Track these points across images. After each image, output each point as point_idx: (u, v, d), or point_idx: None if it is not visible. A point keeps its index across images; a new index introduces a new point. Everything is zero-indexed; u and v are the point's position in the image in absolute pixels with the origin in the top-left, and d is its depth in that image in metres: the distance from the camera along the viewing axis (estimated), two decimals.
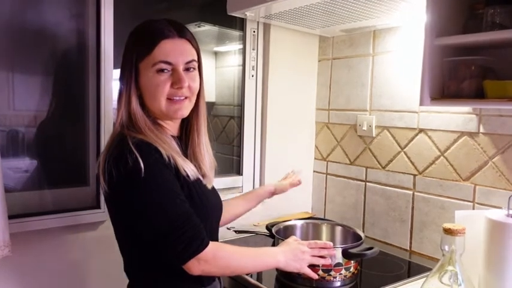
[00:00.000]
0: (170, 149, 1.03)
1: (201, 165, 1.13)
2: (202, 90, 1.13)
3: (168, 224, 0.96)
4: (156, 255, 1.02)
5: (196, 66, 1.09)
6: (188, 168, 1.04)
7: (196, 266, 0.98)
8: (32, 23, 1.41)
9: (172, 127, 1.13)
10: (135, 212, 0.98)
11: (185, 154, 1.11)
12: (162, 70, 1.03)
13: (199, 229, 0.99)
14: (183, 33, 1.06)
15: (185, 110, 1.08)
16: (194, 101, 1.11)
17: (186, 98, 1.07)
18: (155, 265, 1.04)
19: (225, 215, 1.27)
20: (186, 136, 1.16)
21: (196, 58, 1.09)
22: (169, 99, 1.05)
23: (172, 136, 1.11)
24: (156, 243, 0.97)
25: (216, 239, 1.17)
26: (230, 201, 1.43)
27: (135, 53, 1.04)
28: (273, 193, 1.48)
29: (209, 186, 1.15)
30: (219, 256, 1.01)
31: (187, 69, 1.06)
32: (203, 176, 1.12)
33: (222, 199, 1.23)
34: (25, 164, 1.44)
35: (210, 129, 1.19)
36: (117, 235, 1.10)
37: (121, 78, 1.07)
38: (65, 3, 1.47)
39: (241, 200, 1.46)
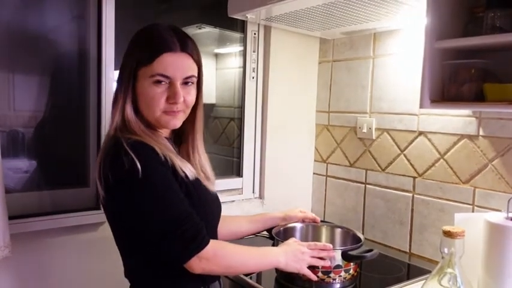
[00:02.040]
0: (166, 149, 1.03)
1: (197, 171, 1.12)
2: (200, 102, 1.14)
3: (168, 222, 0.96)
4: (156, 256, 1.01)
5: (195, 81, 1.09)
6: (186, 169, 1.05)
7: (197, 264, 0.98)
8: (33, 25, 1.41)
9: (165, 131, 1.13)
10: (134, 212, 0.98)
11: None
12: (159, 82, 1.02)
13: (200, 227, 0.99)
14: (186, 46, 1.05)
15: (178, 121, 1.08)
16: (188, 113, 1.10)
17: (179, 111, 1.07)
18: (156, 266, 1.04)
19: (223, 230, 1.26)
20: (178, 137, 1.16)
21: (196, 73, 1.08)
22: (164, 111, 1.05)
23: (166, 138, 1.12)
24: (157, 242, 0.97)
25: (214, 238, 1.16)
26: (234, 218, 1.41)
27: (135, 59, 1.04)
28: (283, 219, 1.42)
29: (213, 191, 1.15)
30: (220, 254, 1.02)
31: (185, 83, 1.06)
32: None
33: (221, 201, 1.23)
34: (25, 164, 1.44)
35: (204, 137, 1.19)
36: (116, 239, 1.09)
37: (119, 81, 1.07)
38: (66, 6, 1.48)
39: (245, 220, 1.42)
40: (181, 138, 1.17)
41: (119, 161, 0.95)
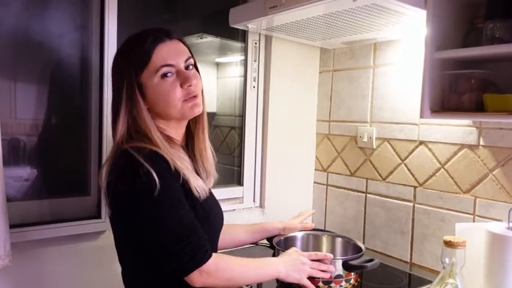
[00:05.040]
0: (180, 161, 1.03)
1: (204, 161, 1.15)
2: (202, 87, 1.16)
3: (173, 234, 0.96)
4: (158, 266, 1.01)
5: (193, 63, 1.11)
6: (198, 186, 1.05)
7: (198, 278, 0.98)
8: (35, 34, 1.42)
9: (179, 135, 1.13)
10: (141, 223, 0.98)
11: (191, 157, 1.13)
12: (165, 75, 1.03)
13: (203, 241, 0.99)
14: (171, 35, 1.08)
15: (200, 106, 1.09)
16: (201, 98, 1.12)
17: (196, 95, 1.08)
18: (156, 274, 1.04)
19: (222, 238, 1.26)
20: (191, 142, 1.17)
21: (191, 55, 1.11)
22: (184, 100, 1.06)
23: (181, 146, 1.13)
24: (160, 253, 0.97)
25: (215, 250, 1.16)
26: (233, 227, 1.41)
27: (132, 67, 1.04)
28: (282, 230, 1.43)
29: (210, 185, 1.16)
30: (221, 268, 1.01)
31: (187, 68, 1.07)
32: (207, 174, 1.15)
33: (223, 210, 1.23)
34: (26, 172, 1.44)
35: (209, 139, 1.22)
36: (118, 245, 1.10)
37: (117, 96, 1.06)
38: (69, 15, 1.49)
39: (245, 229, 1.42)
40: (192, 137, 1.17)
41: (128, 171, 0.95)
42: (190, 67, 1.08)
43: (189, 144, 1.17)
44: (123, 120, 1.04)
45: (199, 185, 1.05)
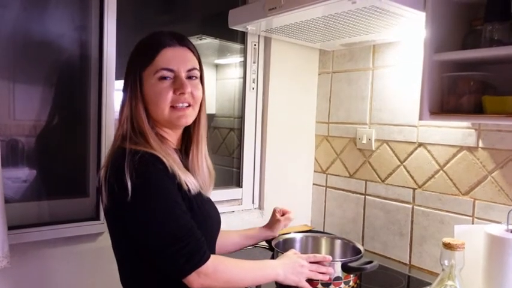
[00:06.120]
0: (173, 162, 1.03)
1: (197, 174, 1.14)
2: (204, 100, 1.15)
3: (170, 236, 0.96)
4: (156, 267, 1.01)
5: (198, 75, 1.11)
6: (190, 182, 1.05)
7: (196, 280, 0.98)
8: (34, 35, 1.42)
9: (174, 138, 1.13)
10: (138, 224, 0.98)
11: (185, 165, 1.12)
12: (164, 78, 1.04)
13: (201, 242, 0.99)
14: (184, 42, 1.09)
15: (189, 117, 1.09)
16: (197, 110, 1.12)
17: (189, 105, 1.07)
18: (153, 276, 1.04)
19: (222, 246, 1.28)
20: (186, 147, 1.17)
21: (197, 67, 1.10)
22: (173, 106, 1.06)
23: (174, 149, 1.12)
24: (158, 255, 0.97)
25: (213, 252, 1.16)
26: (226, 232, 1.38)
27: (138, 63, 1.06)
28: (268, 228, 1.43)
29: (206, 195, 1.16)
30: (220, 270, 1.01)
31: (189, 78, 1.08)
32: (200, 186, 1.13)
33: (220, 212, 1.23)
34: (24, 174, 1.44)
35: (208, 141, 1.20)
36: (115, 247, 1.10)
37: (125, 89, 1.09)
38: (68, 15, 1.49)
39: (237, 234, 1.42)
40: (188, 142, 1.17)
41: (125, 172, 0.95)
42: (193, 78, 1.09)
43: (184, 150, 1.17)
44: (125, 116, 1.06)
45: (188, 180, 1.05)
